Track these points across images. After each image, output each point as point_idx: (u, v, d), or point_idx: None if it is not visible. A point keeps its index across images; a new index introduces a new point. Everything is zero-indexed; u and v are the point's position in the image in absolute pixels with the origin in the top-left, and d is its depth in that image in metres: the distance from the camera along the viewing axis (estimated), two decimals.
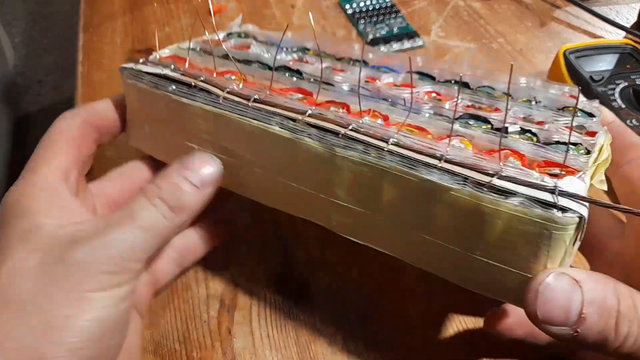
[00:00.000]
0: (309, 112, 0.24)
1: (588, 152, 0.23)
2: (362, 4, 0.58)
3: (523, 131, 0.25)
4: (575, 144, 0.24)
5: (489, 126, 0.26)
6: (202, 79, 0.27)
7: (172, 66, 0.29)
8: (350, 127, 0.23)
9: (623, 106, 0.41)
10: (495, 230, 0.20)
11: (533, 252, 0.20)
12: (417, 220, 0.22)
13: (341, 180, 0.23)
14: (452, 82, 0.30)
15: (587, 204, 0.19)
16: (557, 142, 0.24)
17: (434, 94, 0.29)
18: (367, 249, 0.34)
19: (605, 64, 0.45)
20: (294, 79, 0.29)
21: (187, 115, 0.27)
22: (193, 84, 0.27)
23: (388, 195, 0.22)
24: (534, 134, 0.25)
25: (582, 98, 0.29)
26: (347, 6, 0.58)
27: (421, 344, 0.30)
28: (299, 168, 0.24)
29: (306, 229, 0.35)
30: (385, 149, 0.22)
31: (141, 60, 0.30)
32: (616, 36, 0.54)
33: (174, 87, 0.27)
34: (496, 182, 0.20)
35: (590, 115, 0.27)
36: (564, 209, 0.19)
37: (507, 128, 0.25)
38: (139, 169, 0.31)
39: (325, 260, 0.34)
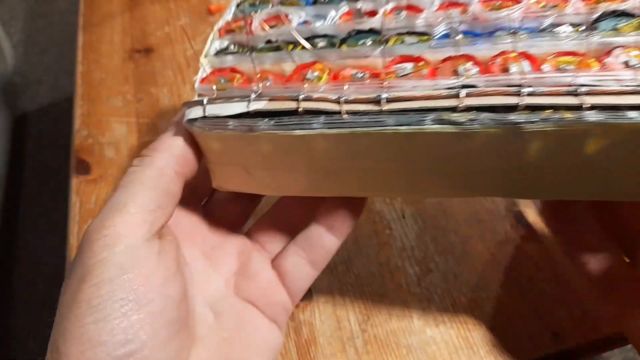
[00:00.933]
0: (463, 91, 0.19)
1: None
2: None
3: None
4: None
5: (637, 21, 0.21)
6: (302, 96, 0.21)
7: (252, 94, 0.22)
8: (526, 92, 0.19)
9: None
10: None
11: None
12: (633, 164, 0.19)
13: (529, 154, 0.20)
14: None
15: None
16: None
17: None
18: (367, 248, 0.34)
19: None
20: (381, 47, 0.23)
21: (301, 146, 0.22)
22: (300, 109, 0.21)
23: (591, 149, 0.19)
24: None
25: None
26: None
27: (421, 344, 0.30)
28: (470, 158, 0.20)
29: None
30: (583, 106, 0.18)
31: (205, 100, 0.23)
32: None
33: (273, 123, 0.21)
34: None
35: None
36: None
37: None
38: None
39: None
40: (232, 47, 0.26)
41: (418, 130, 0.19)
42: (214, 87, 0.23)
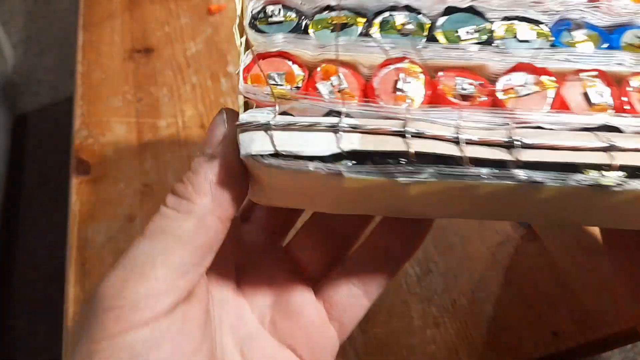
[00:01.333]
0: (615, 141, 0.15)
1: None
2: None
3: None
4: None
5: None
6: (411, 131, 0.16)
7: (340, 121, 0.16)
8: None
9: None
10: None
11: None
12: None
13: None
14: None
15: None
16: None
17: None
18: None
19: None
20: (488, 42, 0.18)
21: (396, 187, 0.17)
22: (411, 153, 0.16)
23: None
24: None
25: None
26: None
27: (421, 344, 0.30)
28: (582, 206, 0.17)
29: None
30: None
31: (269, 122, 0.16)
32: None
33: (372, 170, 0.16)
34: None
35: None
36: None
37: None
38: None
39: None
40: (274, 11, 0.19)
41: (559, 187, 0.16)
42: (270, 93, 0.16)
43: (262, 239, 0.23)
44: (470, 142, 0.16)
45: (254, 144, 0.16)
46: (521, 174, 0.15)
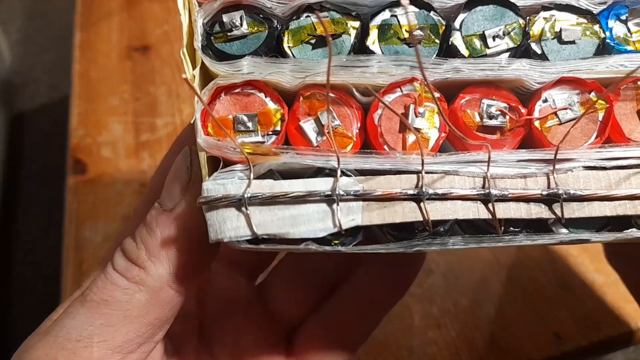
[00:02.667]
0: None
1: None
2: None
3: None
4: None
5: None
6: (427, 192, 0.13)
7: (337, 189, 0.12)
8: None
9: None
10: None
11: None
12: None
13: None
14: None
15: None
16: None
17: None
18: None
19: None
20: (519, 59, 0.14)
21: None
22: (428, 221, 0.13)
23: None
24: None
25: None
26: None
27: (422, 345, 0.30)
28: None
29: None
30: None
31: (242, 196, 0.12)
32: None
33: (375, 248, 0.13)
34: None
35: None
36: None
37: None
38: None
39: None
40: (235, 21, 0.14)
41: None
42: (239, 150, 0.12)
43: (232, 279, 0.19)
44: (501, 199, 0.13)
45: (226, 226, 0.12)
46: (564, 235, 0.13)
